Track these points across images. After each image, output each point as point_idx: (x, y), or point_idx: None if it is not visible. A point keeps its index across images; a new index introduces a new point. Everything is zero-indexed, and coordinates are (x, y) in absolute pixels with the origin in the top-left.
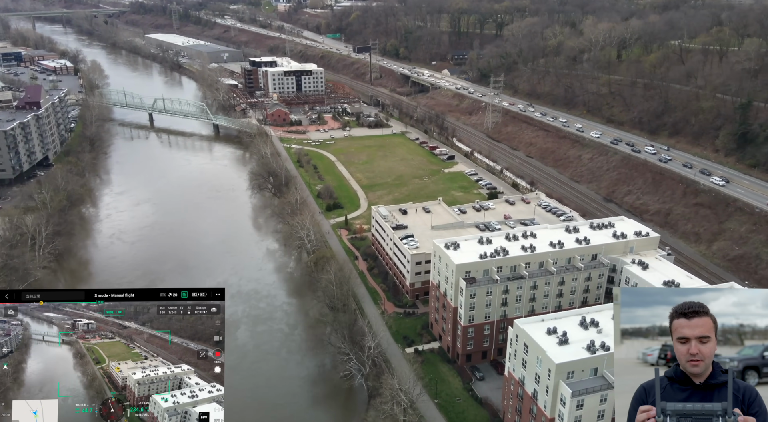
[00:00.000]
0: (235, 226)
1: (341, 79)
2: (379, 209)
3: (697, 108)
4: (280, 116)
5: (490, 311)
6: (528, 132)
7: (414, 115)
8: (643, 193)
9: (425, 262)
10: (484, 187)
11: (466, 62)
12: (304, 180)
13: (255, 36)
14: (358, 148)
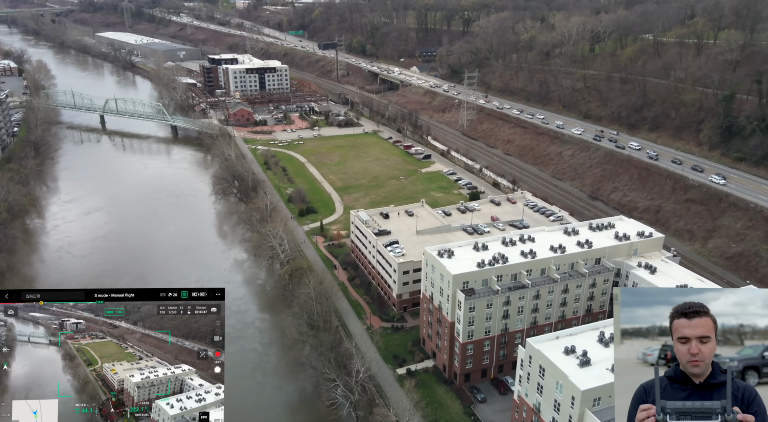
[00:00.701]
0: (198, 235)
1: (306, 77)
2: (359, 213)
3: (678, 101)
4: (243, 116)
5: (490, 325)
6: (505, 129)
7: (386, 113)
8: (630, 189)
9: (413, 271)
10: (464, 186)
11: (435, 59)
12: (273, 183)
13: (213, 34)
14: (329, 148)
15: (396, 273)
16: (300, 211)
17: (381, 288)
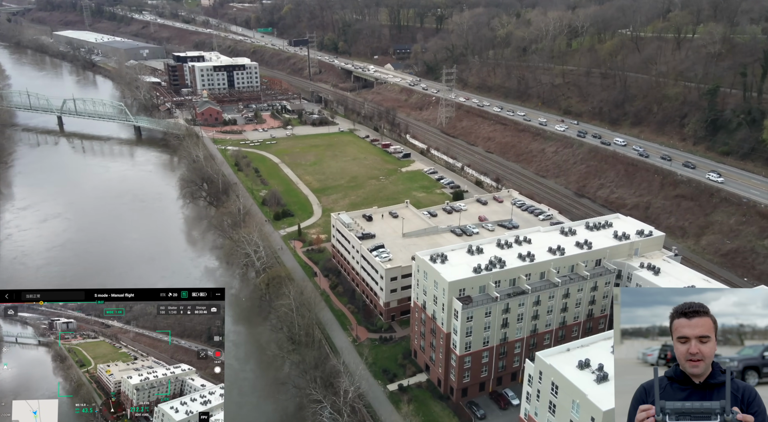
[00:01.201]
0: (165, 242)
1: (277, 75)
2: (341, 216)
3: (660, 96)
4: (211, 115)
5: (488, 335)
6: (484, 126)
7: (361, 111)
8: (617, 186)
9: (402, 277)
10: (446, 185)
11: (409, 56)
12: (245, 185)
13: (178, 32)
14: (304, 147)
15: (383, 280)
16: (275, 215)
17: (366, 296)
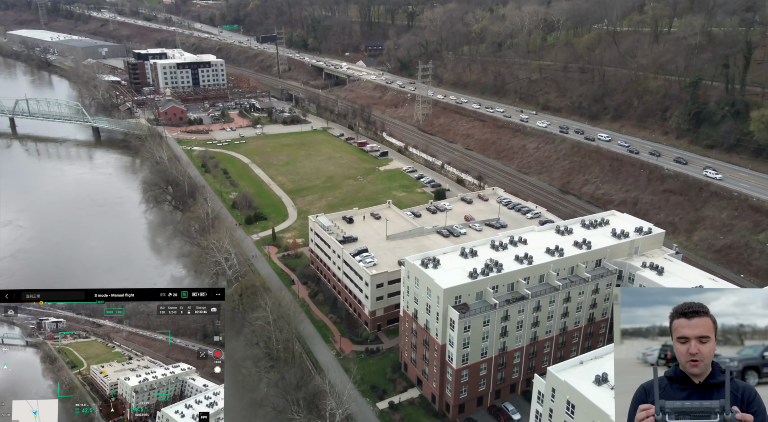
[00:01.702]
0: (126, 249)
1: (244, 73)
2: (319, 219)
3: (641, 89)
4: (175, 114)
5: (487, 345)
6: (463, 123)
7: (335, 109)
8: (602, 181)
9: (388, 283)
10: (427, 184)
11: (381, 53)
12: (214, 188)
13: (139, 29)
14: (276, 147)
15: (368, 287)
16: (247, 219)
17: (350, 304)
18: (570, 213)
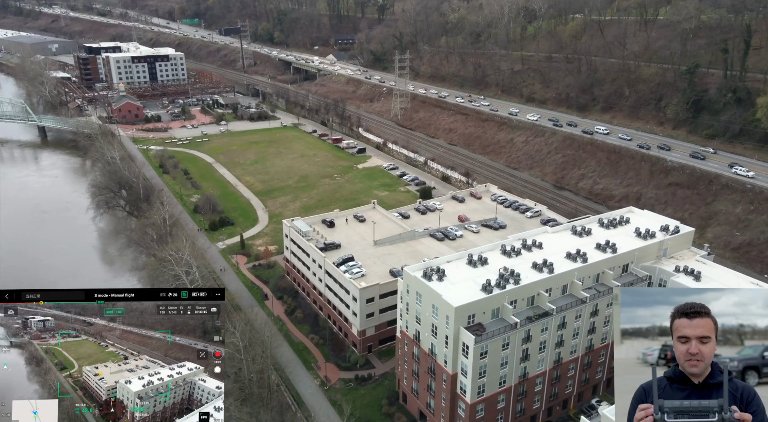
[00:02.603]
0: (72, 262)
1: (207, 68)
2: (295, 223)
3: (633, 78)
4: (131, 111)
5: (506, 373)
6: (444, 117)
7: (305, 104)
8: (600, 175)
9: (379, 297)
10: (410, 182)
11: (353, 46)
12: (173, 190)
13: (92, 25)
14: (242, 144)
15: (357, 302)
16: (211, 224)
17: (334, 321)
18: (571, 212)
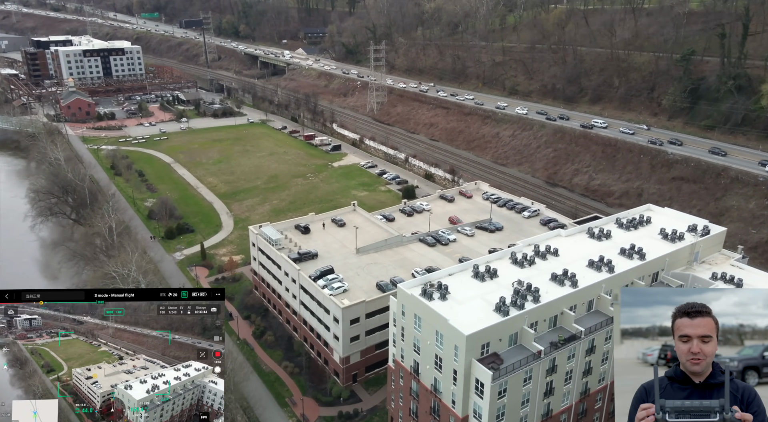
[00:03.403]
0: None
1: (167, 63)
2: (264, 229)
3: (624, 67)
4: (81, 108)
5: (527, 411)
6: (423, 111)
7: (274, 99)
8: (596, 170)
9: (365, 317)
10: (391, 181)
11: (323, 40)
12: (125, 194)
13: (45, 20)
14: (205, 143)
15: (339, 324)
16: (167, 232)
17: (312, 345)
18: (571, 211)
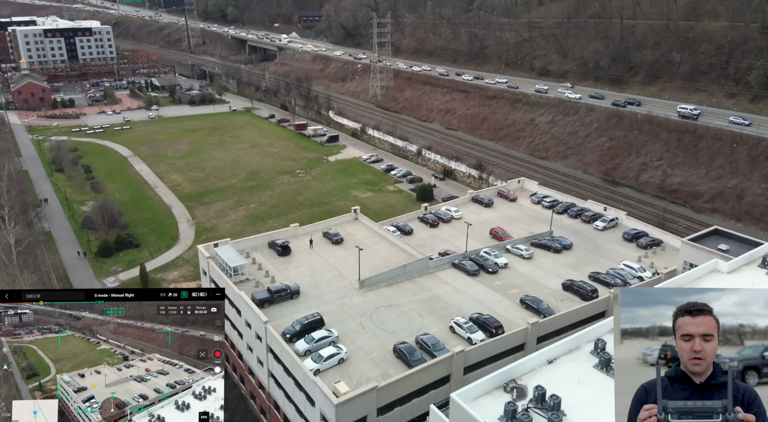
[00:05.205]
0: None
1: (148, 49)
2: (221, 251)
3: (689, 38)
4: (33, 94)
5: None
6: (437, 96)
7: (261, 85)
8: (673, 165)
9: (378, 413)
10: (402, 178)
11: (319, 22)
12: (61, 195)
13: (21, 7)
14: (174, 133)
15: None
16: (102, 246)
17: None
18: (657, 220)
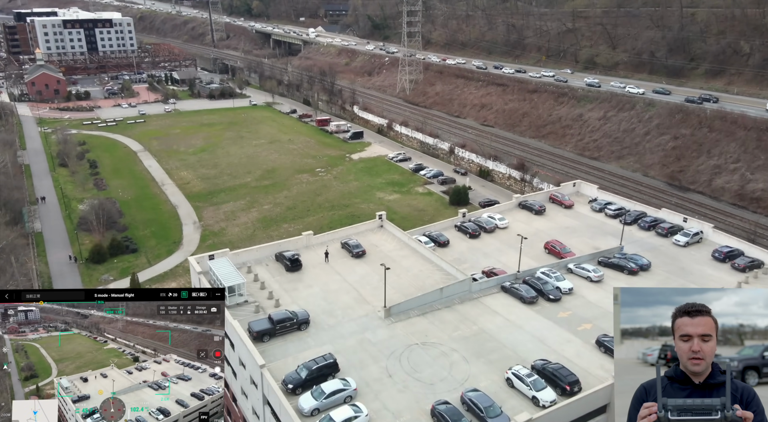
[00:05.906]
0: None
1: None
2: (215, 264)
3: (759, 26)
4: (48, 85)
5: None
6: (470, 90)
7: (284, 79)
8: (752, 168)
9: None
10: (433, 179)
11: (345, 16)
12: (60, 192)
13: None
14: (189, 127)
15: None
16: (95, 251)
17: None
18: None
